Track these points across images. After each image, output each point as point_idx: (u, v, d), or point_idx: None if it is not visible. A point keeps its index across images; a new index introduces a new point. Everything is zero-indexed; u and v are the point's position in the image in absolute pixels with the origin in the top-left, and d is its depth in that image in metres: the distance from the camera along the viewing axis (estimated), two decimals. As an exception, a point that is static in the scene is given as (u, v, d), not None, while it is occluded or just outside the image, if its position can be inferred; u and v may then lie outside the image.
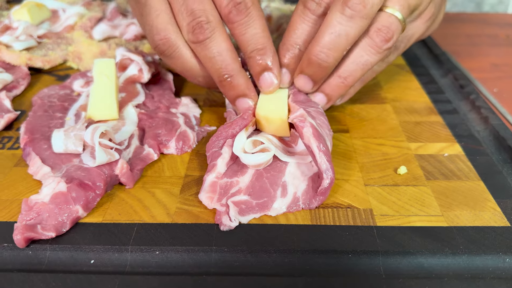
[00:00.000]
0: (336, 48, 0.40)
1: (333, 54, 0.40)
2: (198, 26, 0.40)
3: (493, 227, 0.35)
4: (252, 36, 0.41)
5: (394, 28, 0.41)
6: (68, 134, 0.41)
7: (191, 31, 0.40)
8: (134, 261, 0.33)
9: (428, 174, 0.41)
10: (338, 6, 0.39)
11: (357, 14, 0.38)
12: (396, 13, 0.41)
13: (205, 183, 0.38)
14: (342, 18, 0.39)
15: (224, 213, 0.36)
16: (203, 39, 0.40)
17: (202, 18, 0.40)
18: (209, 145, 0.41)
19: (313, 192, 0.38)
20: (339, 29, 0.39)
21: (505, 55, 0.72)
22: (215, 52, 0.41)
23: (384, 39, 0.41)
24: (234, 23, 0.40)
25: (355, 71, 0.42)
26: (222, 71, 0.41)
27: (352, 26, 0.39)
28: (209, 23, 0.40)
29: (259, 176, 0.39)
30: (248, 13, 0.40)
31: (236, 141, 0.39)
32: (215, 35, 0.40)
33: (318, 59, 0.40)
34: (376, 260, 0.33)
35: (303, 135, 0.38)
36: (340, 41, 0.39)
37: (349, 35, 0.39)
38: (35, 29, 0.64)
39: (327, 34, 0.39)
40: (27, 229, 0.34)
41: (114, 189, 0.39)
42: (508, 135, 0.45)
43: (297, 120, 0.39)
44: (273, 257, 0.33)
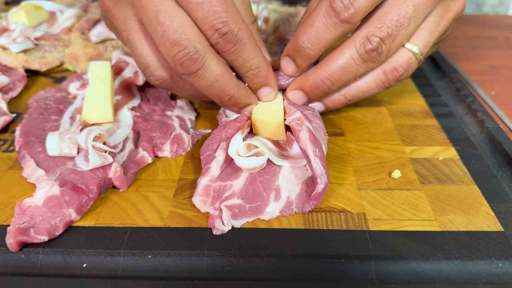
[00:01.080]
0: (342, 81, 0.41)
1: (337, 84, 0.42)
2: (187, 58, 0.37)
3: (487, 232, 0.35)
4: (244, 60, 0.39)
5: (411, 69, 0.43)
6: (63, 137, 0.41)
7: (179, 63, 0.37)
8: (127, 265, 0.33)
9: (422, 178, 0.41)
10: (357, 42, 0.40)
11: (371, 60, 0.40)
12: (417, 50, 0.42)
13: (199, 187, 0.38)
14: (357, 57, 0.40)
15: (217, 217, 0.36)
16: (196, 70, 0.38)
17: (188, 48, 0.36)
18: (203, 148, 0.41)
19: (307, 196, 0.38)
20: (350, 65, 0.40)
21: (504, 57, 0.72)
22: (211, 79, 0.39)
23: (397, 79, 0.43)
24: (223, 52, 0.39)
25: (360, 97, 0.45)
26: (222, 95, 0.40)
27: (364, 68, 0.41)
28: (197, 52, 0.37)
29: (253, 180, 0.39)
30: (236, 40, 0.38)
31: (232, 143, 0.39)
32: (207, 63, 0.38)
33: (324, 85, 0.41)
34: (369, 265, 0.33)
35: (300, 138, 0.38)
36: (349, 75, 0.41)
37: (358, 73, 0.41)
38: (32, 31, 0.64)
39: (338, 66, 0.40)
40: (20, 232, 0.34)
41: (108, 192, 0.39)
42: (504, 138, 0.45)
43: (294, 123, 0.39)
44: (266, 261, 0.33)
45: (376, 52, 0.39)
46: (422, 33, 0.42)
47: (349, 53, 0.40)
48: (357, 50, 0.40)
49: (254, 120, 0.41)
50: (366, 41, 0.39)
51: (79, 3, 0.77)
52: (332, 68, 0.41)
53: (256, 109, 0.42)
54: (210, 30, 0.37)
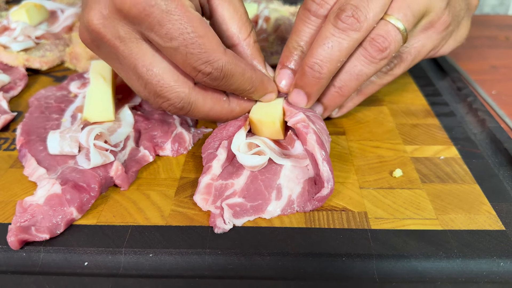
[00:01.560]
0: (330, 60, 0.39)
1: (327, 66, 0.39)
2: (172, 107, 0.38)
3: (488, 231, 0.35)
4: (237, 86, 0.38)
5: (391, 39, 0.40)
6: (64, 136, 0.41)
7: (168, 110, 0.39)
8: (128, 263, 0.33)
9: (424, 177, 0.41)
10: (331, 18, 0.39)
11: (349, 27, 0.38)
12: (395, 21, 0.40)
13: (200, 185, 0.38)
14: (335, 30, 0.39)
15: (218, 216, 0.36)
16: (185, 113, 0.39)
17: (171, 100, 0.37)
18: (205, 146, 0.41)
19: (309, 195, 0.38)
20: (332, 40, 0.39)
21: (504, 57, 0.72)
22: (203, 115, 0.40)
23: (378, 49, 0.40)
24: (212, 86, 0.38)
25: (350, 81, 0.42)
26: (221, 117, 0.41)
27: (345, 38, 0.39)
28: (181, 101, 0.37)
29: (254, 179, 0.39)
30: (223, 76, 0.37)
31: (235, 139, 0.39)
32: (194, 106, 0.38)
33: (313, 70, 0.40)
34: (370, 264, 0.33)
35: (307, 141, 0.37)
36: (333, 52, 0.39)
37: (342, 47, 0.39)
38: (33, 30, 0.64)
39: (321, 46, 0.39)
40: (21, 231, 0.34)
41: (109, 191, 0.39)
42: (505, 137, 0.45)
43: (300, 125, 0.38)
44: (267, 260, 0.33)
45: (352, 18, 0.38)
46: (397, 4, 0.40)
47: (326, 30, 0.39)
48: (333, 23, 0.39)
49: (252, 119, 0.41)
50: (339, 12, 0.38)
51: (80, 1, 0.77)
52: (315, 51, 0.39)
53: (254, 108, 0.42)
54: (192, 72, 0.36)
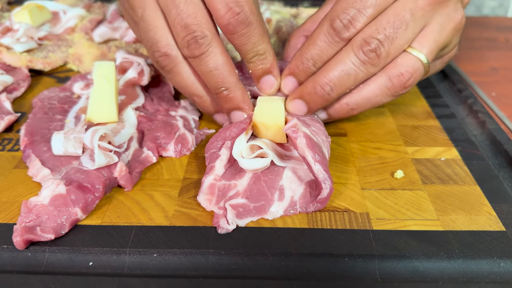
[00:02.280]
0: (342, 85, 0.41)
1: (337, 90, 0.41)
2: (193, 41, 0.39)
3: (489, 232, 0.36)
4: (253, 44, 0.40)
5: (417, 75, 0.42)
6: (68, 137, 0.41)
7: (186, 46, 0.39)
8: (132, 263, 0.34)
9: (425, 178, 0.41)
10: (354, 45, 0.40)
11: (370, 62, 0.40)
12: (423, 57, 0.41)
13: (204, 185, 0.38)
14: (356, 59, 0.40)
15: (221, 216, 0.36)
16: (199, 54, 0.39)
17: (197, 33, 0.39)
18: (208, 146, 0.41)
19: (311, 197, 0.38)
20: (349, 68, 0.40)
21: (504, 59, 0.73)
22: (212, 66, 0.40)
23: (404, 85, 0.42)
24: (233, 34, 0.39)
25: (365, 105, 0.43)
26: (219, 84, 0.41)
27: (363, 70, 0.40)
28: (204, 38, 0.39)
29: (257, 180, 0.39)
30: (248, 22, 0.38)
31: (236, 144, 0.40)
32: (211, 49, 0.40)
33: (323, 90, 0.41)
34: (372, 264, 0.34)
35: (297, 146, 0.37)
36: (348, 79, 0.40)
37: (357, 77, 0.40)
38: (36, 31, 0.64)
39: (337, 70, 0.40)
40: (27, 231, 0.34)
41: (113, 191, 0.40)
42: (505, 139, 0.46)
43: (290, 131, 0.38)
44: (270, 260, 0.34)
45: (374, 54, 0.39)
46: (426, 41, 0.41)
47: (347, 56, 0.40)
48: (355, 52, 0.40)
49: (255, 122, 0.42)
50: (363, 43, 0.39)
51: (82, 3, 0.77)
52: (330, 72, 0.40)
53: (257, 111, 0.42)
54: (223, 9, 0.38)
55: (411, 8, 0.40)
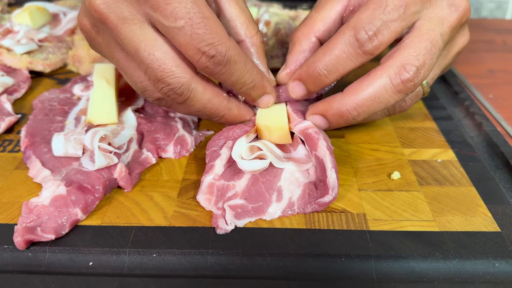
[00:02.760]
0: (370, 111, 0.39)
1: (364, 115, 0.39)
2: (172, 92, 0.37)
3: (484, 232, 0.36)
4: (237, 78, 0.38)
5: (416, 99, 0.44)
6: (68, 138, 0.42)
7: (167, 96, 0.38)
8: (132, 263, 0.34)
9: (421, 179, 0.42)
10: (392, 71, 0.37)
11: (406, 90, 0.38)
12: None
13: (203, 185, 0.39)
14: (391, 86, 0.37)
15: (220, 217, 0.36)
16: (183, 102, 0.38)
17: (172, 85, 0.36)
18: (210, 143, 0.42)
19: (309, 198, 0.38)
20: (381, 95, 0.38)
21: (501, 61, 0.73)
22: (200, 106, 0.39)
23: (402, 110, 0.44)
24: (214, 74, 0.37)
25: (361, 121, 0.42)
26: (213, 116, 0.41)
27: (395, 98, 0.38)
28: (182, 87, 0.37)
29: (255, 181, 0.39)
30: (226, 61, 0.36)
31: (236, 146, 0.40)
32: (193, 94, 0.38)
33: (350, 115, 0.39)
34: (369, 264, 0.34)
35: (318, 147, 0.38)
36: (378, 106, 0.38)
37: (388, 104, 0.38)
38: (36, 32, 0.64)
39: (368, 95, 0.38)
40: (27, 231, 0.35)
41: (113, 192, 0.40)
42: (501, 141, 0.46)
43: (312, 130, 0.39)
44: (268, 260, 0.34)
45: (412, 83, 0.37)
46: None
47: (382, 82, 0.37)
48: (392, 79, 0.37)
49: (258, 126, 0.42)
50: (402, 70, 0.37)
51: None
52: (361, 97, 0.38)
53: (260, 114, 0.43)
54: (196, 55, 0.35)
55: (441, 33, 0.38)
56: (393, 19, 0.37)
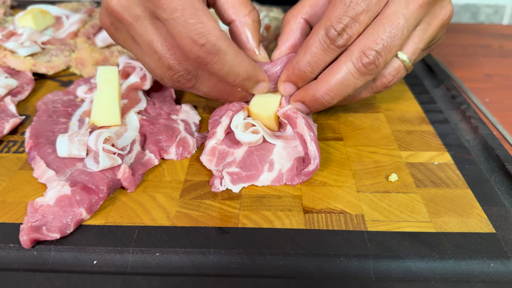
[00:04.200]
0: (341, 94, 0.42)
1: (337, 98, 0.43)
2: (182, 78, 0.42)
3: (479, 233, 0.37)
4: (229, 69, 0.40)
5: (399, 76, 0.44)
6: (72, 139, 0.43)
7: (177, 82, 0.42)
8: (135, 262, 0.35)
9: (418, 181, 0.43)
10: (353, 57, 0.40)
11: (369, 72, 0.41)
12: (406, 58, 0.43)
13: (206, 148, 0.43)
14: (355, 71, 0.41)
15: (217, 178, 0.41)
16: (191, 86, 0.43)
17: (181, 72, 0.41)
18: (212, 115, 0.46)
19: (297, 171, 0.42)
20: (348, 79, 0.41)
21: (498, 66, 0.74)
22: (206, 90, 0.44)
23: (386, 86, 0.45)
24: (206, 64, 0.39)
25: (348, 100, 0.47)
26: (219, 98, 0.46)
27: (362, 80, 0.42)
28: (190, 74, 0.42)
29: (250, 153, 0.44)
30: (216, 50, 0.38)
31: (234, 119, 0.44)
32: (200, 80, 0.43)
33: (324, 100, 0.42)
34: (367, 264, 0.35)
35: (297, 124, 0.42)
36: (347, 89, 0.42)
37: (356, 85, 0.42)
38: (39, 35, 0.65)
39: (337, 80, 0.41)
40: (33, 230, 0.35)
41: (116, 192, 0.41)
42: (497, 144, 0.47)
43: (290, 111, 0.43)
44: (268, 259, 0.35)
45: (373, 65, 0.40)
46: (411, 41, 0.43)
47: (346, 67, 0.41)
48: (354, 64, 0.40)
49: (249, 111, 0.45)
50: (362, 55, 0.40)
51: (84, 8, 0.78)
52: (331, 83, 0.41)
53: (253, 102, 0.46)
54: (188, 44, 0.38)
55: (403, 14, 0.40)
56: (358, 13, 0.40)
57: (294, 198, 0.40)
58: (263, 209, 0.39)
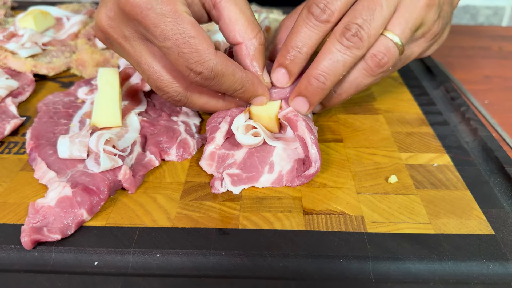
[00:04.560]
0: (334, 73, 0.42)
1: (331, 78, 0.42)
2: (171, 99, 0.43)
3: (478, 235, 0.37)
4: (228, 87, 0.41)
5: (391, 55, 0.43)
6: (73, 141, 0.43)
7: (168, 101, 0.44)
8: (136, 263, 0.35)
9: (418, 183, 0.43)
10: (337, 34, 0.41)
11: (353, 45, 0.41)
12: (395, 38, 0.43)
13: (205, 153, 0.44)
14: (341, 47, 0.41)
15: (218, 179, 0.42)
16: (183, 104, 0.44)
17: (170, 93, 0.42)
18: (209, 120, 0.46)
19: (297, 173, 0.42)
20: (337, 56, 0.41)
21: (497, 67, 0.74)
22: (199, 106, 0.45)
23: (378, 64, 0.44)
24: (205, 86, 0.41)
25: (349, 89, 0.46)
26: (214, 111, 0.46)
27: (350, 55, 0.42)
28: (179, 95, 0.42)
29: (251, 155, 0.44)
30: (214, 76, 0.39)
31: (235, 121, 0.44)
32: (190, 99, 0.43)
33: (318, 81, 0.42)
34: (366, 265, 0.35)
35: (298, 127, 0.42)
36: (338, 66, 0.42)
37: (346, 62, 0.42)
38: (40, 36, 0.65)
39: (326, 59, 0.42)
40: (34, 231, 0.36)
41: (117, 194, 0.41)
42: (496, 146, 0.47)
43: (291, 114, 0.43)
44: (268, 261, 0.35)
45: (357, 38, 0.41)
46: (396, 21, 0.43)
47: (332, 45, 0.41)
48: (338, 39, 0.41)
49: (251, 112, 0.45)
50: (345, 30, 0.41)
51: (85, 9, 0.78)
52: (321, 63, 0.42)
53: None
54: (185, 71, 0.39)
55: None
56: None
57: (294, 200, 0.41)
58: (263, 210, 0.39)
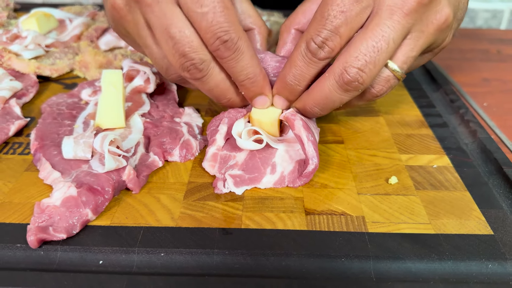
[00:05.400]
0: (330, 108, 0.43)
1: (326, 111, 0.43)
2: (193, 67, 0.41)
3: (478, 235, 0.38)
4: (241, 68, 0.41)
5: (388, 86, 0.43)
6: (78, 141, 0.43)
7: (187, 70, 0.41)
8: (141, 262, 0.36)
9: (418, 184, 0.43)
10: (336, 74, 0.40)
11: (353, 89, 0.40)
12: (396, 69, 0.41)
13: (208, 154, 0.44)
14: (338, 88, 0.40)
15: (220, 180, 0.42)
16: (200, 77, 0.42)
17: (195, 60, 0.40)
18: (209, 125, 0.47)
19: (298, 174, 0.43)
20: (333, 95, 0.41)
21: (496, 70, 0.75)
22: (212, 85, 0.43)
23: (375, 96, 0.43)
24: (223, 59, 0.40)
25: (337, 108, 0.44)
26: (221, 97, 0.45)
27: (347, 96, 0.41)
28: (203, 63, 0.41)
29: (253, 156, 0.44)
30: (235, 48, 0.40)
31: (235, 125, 0.44)
32: (211, 71, 0.42)
33: (313, 111, 0.43)
34: (367, 265, 0.35)
35: (295, 126, 0.42)
36: (333, 103, 0.42)
37: (342, 101, 0.42)
38: (43, 38, 0.66)
39: (322, 96, 0.41)
40: (40, 230, 0.36)
41: (121, 194, 0.42)
42: (495, 148, 0.48)
43: (289, 114, 0.43)
44: (271, 260, 0.36)
45: (356, 83, 0.39)
46: (401, 50, 0.41)
47: (330, 84, 0.40)
48: (337, 81, 0.40)
49: (251, 118, 0.45)
50: (344, 73, 0.39)
51: (87, 11, 0.79)
52: (317, 97, 0.42)
53: (255, 109, 0.46)
54: (212, 38, 0.39)
55: (388, 25, 0.38)
56: (337, 26, 0.39)
57: (296, 200, 0.41)
58: (265, 210, 0.40)
